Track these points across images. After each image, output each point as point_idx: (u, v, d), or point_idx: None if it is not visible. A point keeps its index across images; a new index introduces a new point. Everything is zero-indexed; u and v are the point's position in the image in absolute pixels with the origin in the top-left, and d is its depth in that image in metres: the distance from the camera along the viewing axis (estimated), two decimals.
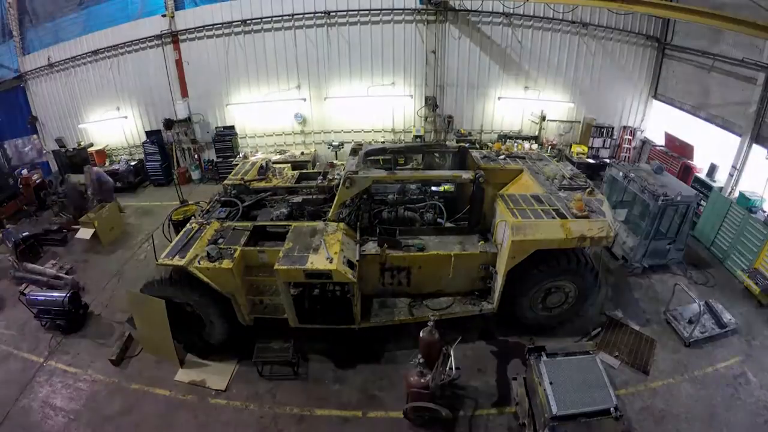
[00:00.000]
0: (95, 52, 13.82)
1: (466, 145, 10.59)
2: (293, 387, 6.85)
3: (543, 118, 13.85)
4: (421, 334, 5.98)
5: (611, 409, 5.00)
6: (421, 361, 5.81)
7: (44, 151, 15.69)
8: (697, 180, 11.16)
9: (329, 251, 6.40)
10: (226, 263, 6.47)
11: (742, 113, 9.94)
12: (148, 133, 14.61)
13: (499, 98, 14.03)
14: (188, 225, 7.47)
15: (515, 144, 13.62)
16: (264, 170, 8.99)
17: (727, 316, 7.57)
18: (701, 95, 11.51)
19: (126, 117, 14.72)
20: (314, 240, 6.70)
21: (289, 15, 12.98)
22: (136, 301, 6.78)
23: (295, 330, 7.07)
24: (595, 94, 13.90)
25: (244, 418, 6.39)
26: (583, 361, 5.66)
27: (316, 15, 12.96)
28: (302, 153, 14.34)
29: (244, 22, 13.08)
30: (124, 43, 13.57)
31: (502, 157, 8.79)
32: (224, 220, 7.57)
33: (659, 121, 13.46)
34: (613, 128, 13.75)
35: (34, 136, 15.39)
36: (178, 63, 13.75)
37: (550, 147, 13.90)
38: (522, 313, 7.41)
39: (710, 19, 7.69)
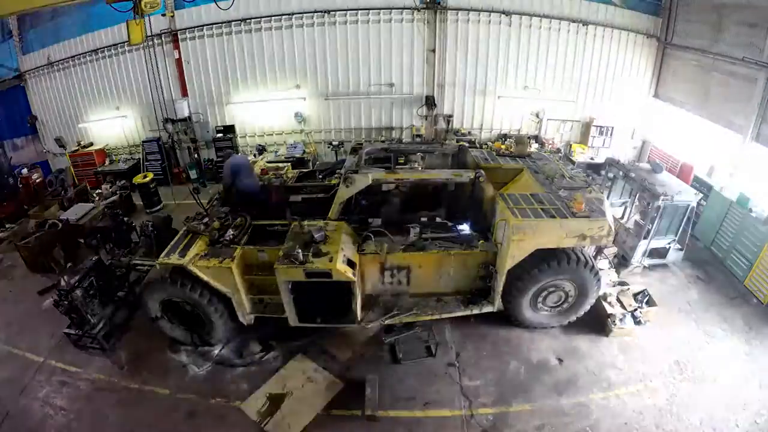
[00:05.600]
0: (95, 52, 13.81)
1: (466, 144, 10.59)
2: None
3: (542, 118, 13.83)
4: None
5: None
6: None
7: (44, 151, 15.70)
8: (697, 179, 11.15)
9: (329, 250, 6.40)
10: (226, 262, 6.47)
11: (743, 112, 9.93)
12: (145, 142, 14.59)
13: (498, 97, 14.01)
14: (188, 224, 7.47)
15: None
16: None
17: None
18: (701, 95, 11.49)
19: (125, 116, 14.71)
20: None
21: (288, 14, 12.97)
22: None
23: None
24: (595, 94, 13.89)
25: (245, 418, 6.38)
26: None
27: (316, 14, 12.95)
28: (303, 152, 14.33)
29: (244, 20, 13.05)
30: (124, 42, 13.54)
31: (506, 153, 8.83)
32: (224, 219, 7.56)
33: (659, 121, 13.45)
34: (613, 128, 13.73)
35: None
36: (178, 62, 13.74)
37: (550, 146, 13.89)
38: (522, 312, 7.41)
39: None
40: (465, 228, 7.57)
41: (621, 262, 9.28)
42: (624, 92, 13.82)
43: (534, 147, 13.42)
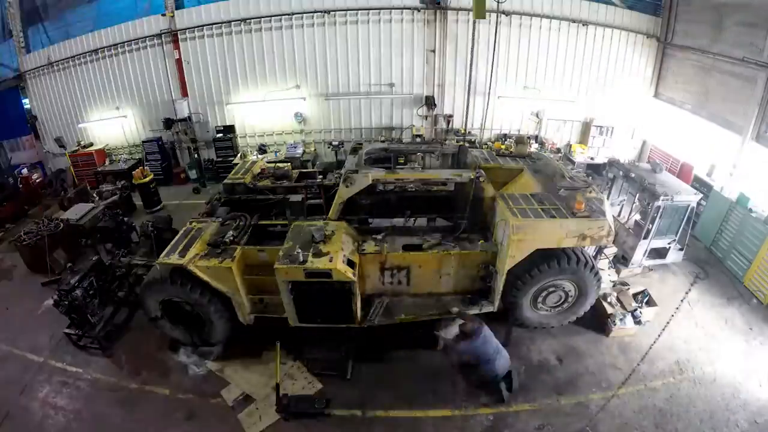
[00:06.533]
0: (95, 52, 13.81)
1: (466, 144, 10.58)
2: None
3: (542, 118, 13.84)
4: None
5: None
6: None
7: (44, 151, 15.70)
8: (697, 179, 11.15)
9: (329, 250, 6.40)
10: (227, 262, 6.47)
11: (742, 112, 9.93)
12: (145, 142, 14.61)
13: (498, 97, 14.02)
14: (187, 225, 7.47)
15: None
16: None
17: None
18: (701, 94, 11.50)
19: (126, 116, 14.71)
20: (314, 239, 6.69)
21: (288, 14, 12.98)
22: None
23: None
24: (595, 94, 13.90)
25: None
26: None
27: (316, 14, 12.96)
28: (303, 152, 14.34)
29: (244, 20, 13.06)
30: (124, 42, 13.56)
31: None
32: (224, 221, 7.56)
33: (659, 121, 13.46)
34: (613, 128, 13.73)
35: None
36: (178, 62, 13.74)
37: (549, 146, 13.90)
38: (522, 312, 7.41)
39: None
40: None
41: (621, 262, 9.29)
42: (624, 92, 13.82)
43: (534, 147, 13.44)
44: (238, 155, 14.08)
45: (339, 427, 6.22)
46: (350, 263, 6.46)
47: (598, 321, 7.80)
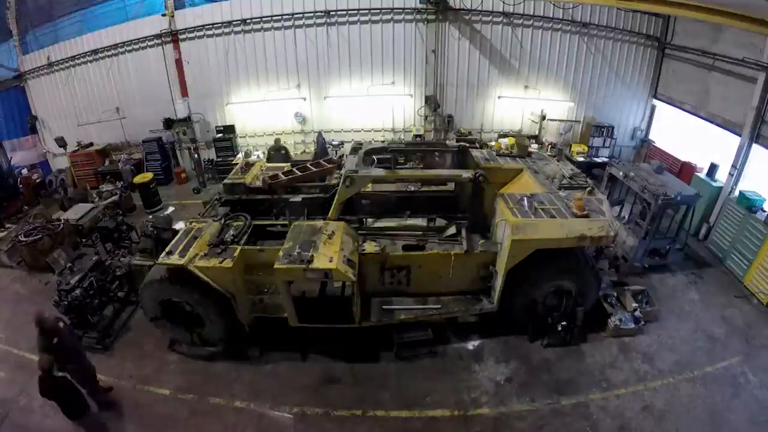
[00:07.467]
0: (95, 52, 13.82)
1: (466, 144, 10.57)
2: (292, 386, 6.85)
3: (543, 118, 13.85)
4: None
5: None
6: None
7: (44, 151, 15.70)
8: (698, 179, 11.12)
9: (329, 250, 6.40)
10: (226, 262, 6.47)
11: (742, 113, 9.93)
12: (145, 142, 14.58)
13: (499, 97, 14.03)
14: (187, 225, 7.47)
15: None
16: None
17: None
18: (701, 95, 11.49)
19: (125, 117, 14.71)
20: (314, 239, 6.68)
21: (289, 14, 12.98)
22: None
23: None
24: (595, 94, 13.90)
25: (244, 418, 6.38)
26: None
27: (316, 14, 12.96)
28: (303, 152, 14.35)
29: (244, 21, 13.08)
30: (124, 42, 13.58)
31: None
32: (224, 217, 7.55)
33: (659, 121, 13.46)
34: (613, 128, 13.74)
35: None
36: (178, 62, 13.75)
37: (550, 146, 13.89)
38: (522, 312, 7.40)
39: (709, 15, 7.67)
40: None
41: (621, 262, 9.28)
42: (624, 92, 13.83)
43: (534, 147, 13.42)
44: (241, 155, 14.09)
45: (338, 426, 6.22)
46: (350, 263, 6.46)
47: (598, 321, 7.79)
